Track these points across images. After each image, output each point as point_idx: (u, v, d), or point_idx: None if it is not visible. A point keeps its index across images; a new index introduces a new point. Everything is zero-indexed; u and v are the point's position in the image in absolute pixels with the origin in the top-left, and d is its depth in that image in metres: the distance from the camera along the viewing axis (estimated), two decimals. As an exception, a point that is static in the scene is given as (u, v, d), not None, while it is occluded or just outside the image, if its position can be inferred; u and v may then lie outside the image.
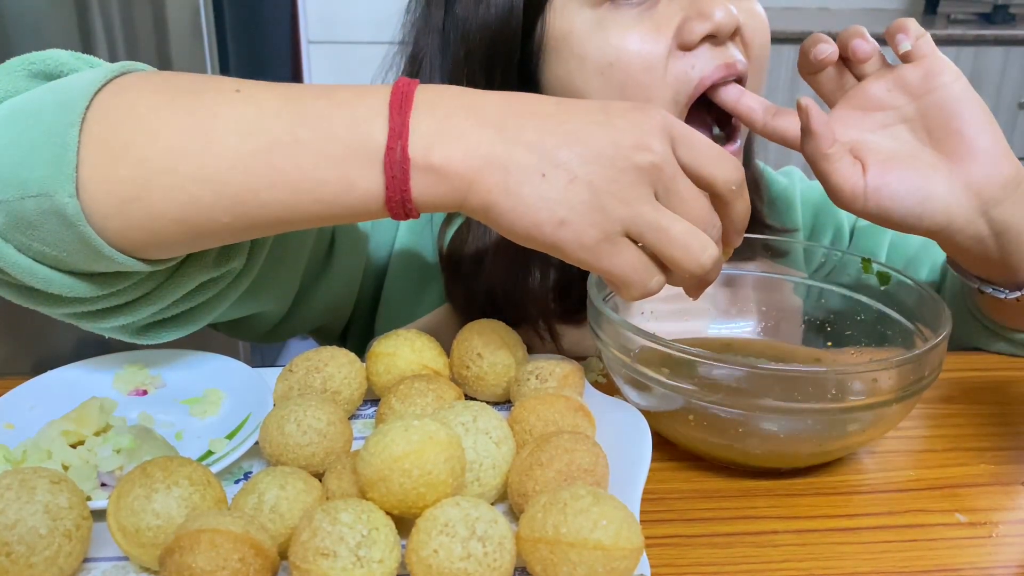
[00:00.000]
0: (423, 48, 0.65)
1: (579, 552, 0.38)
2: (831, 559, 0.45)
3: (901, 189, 0.52)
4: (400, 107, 0.43)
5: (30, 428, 0.52)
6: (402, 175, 0.43)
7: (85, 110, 0.44)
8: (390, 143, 0.43)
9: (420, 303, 0.71)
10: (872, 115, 0.55)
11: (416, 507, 0.41)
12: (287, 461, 0.47)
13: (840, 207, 0.54)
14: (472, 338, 0.56)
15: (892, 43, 0.55)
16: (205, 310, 0.54)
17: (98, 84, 0.45)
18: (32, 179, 0.43)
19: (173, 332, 0.55)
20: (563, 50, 0.60)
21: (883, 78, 0.55)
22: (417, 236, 0.71)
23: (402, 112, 0.43)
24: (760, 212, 0.72)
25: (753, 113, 0.57)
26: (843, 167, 0.52)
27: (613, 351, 0.52)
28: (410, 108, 0.43)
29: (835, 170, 0.52)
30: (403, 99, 0.44)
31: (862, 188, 0.52)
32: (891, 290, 0.59)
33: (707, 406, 0.48)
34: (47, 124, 0.44)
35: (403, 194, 0.44)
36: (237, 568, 0.37)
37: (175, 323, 0.54)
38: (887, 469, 0.53)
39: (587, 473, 0.45)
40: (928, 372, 0.49)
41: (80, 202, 0.43)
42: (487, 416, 0.47)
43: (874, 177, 0.52)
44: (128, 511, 0.41)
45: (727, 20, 0.57)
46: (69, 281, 0.47)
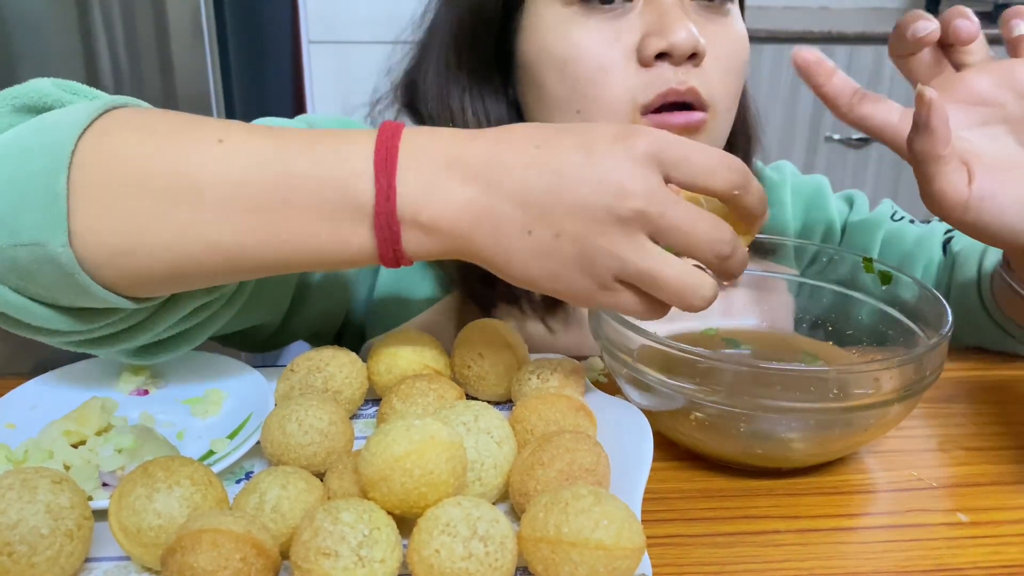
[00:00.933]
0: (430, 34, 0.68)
1: (581, 552, 0.38)
2: (833, 558, 0.45)
3: (1006, 203, 0.48)
4: (385, 166, 0.43)
5: (31, 428, 0.52)
6: (392, 234, 0.44)
7: (71, 155, 0.44)
8: (378, 206, 0.43)
9: (412, 301, 0.71)
10: (972, 111, 0.51)
11: (418, 507, 0.41)
12: (288, 461, 0.47)
13: (934, 213, 0.50)
14: (473, 337, 0.56)
15: (1005, 29, 0.52)
16: (200, 331, 0.55)
17: (82, 126, 0.45)
18: (24, 227, 0.43)
19: (170, 352, 0.55)
20: (533, 38, 0.62)
21: (989, 71, 0.51)
22: None
23: (388, 171, 0.43)
24: None
25: (839, 98, 0.52)
26: (951, 172, 0.48)
27: (614, 351, 0.52)
28: (395, 166, 0.44)
29: (943, 174, 0.48)
30: (387, 155, 0.44)
31: (965, 197, 0.48)
32: (892, 289, 0.59)
33: (708, 405, 0.48)
34: (35, 169, 0.44)
35: (395, 250, 0.45)
36: (239, 568, 0.37)
37: (172, 344, 0.55)
38: (889, 469, 0.53)
39: (588, 473, 0.45)
40: (930, 372, 0.49)
41: (74, 250, 0.44)
42: (488, 416, 0.47)
43: (981, 187, 0.48)
44: (130, 511, 0.41)
45: (683, 42, 0.57)
46: (65, 318, 0.48)
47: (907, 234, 0.75)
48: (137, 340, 0.52)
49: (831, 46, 2.47)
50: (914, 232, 0.75)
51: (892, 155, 2.31)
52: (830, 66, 0.52)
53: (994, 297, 0.66)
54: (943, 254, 0.74)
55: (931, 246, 0.74)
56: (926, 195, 0.49)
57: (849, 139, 2.58)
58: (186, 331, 0.54)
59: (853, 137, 2.58)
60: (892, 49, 0.54)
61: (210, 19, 1.75)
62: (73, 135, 0.44)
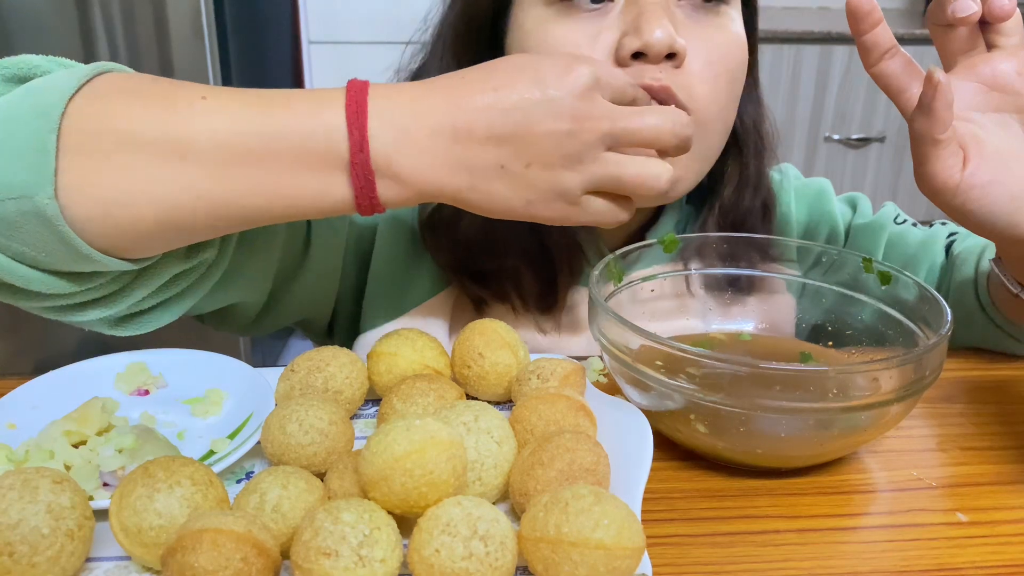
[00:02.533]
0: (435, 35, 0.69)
1: (581, 551, 0.38)
2: (832, 558, 0.45)
3: (997, 192, 0.49)
4: (357, 119, 0.46)
5: (32, 428, 0.52)
6: (368, 184, 0.47)
7: (61, 116, 0.45)
8: (352, 157, 0.46)
9: (406, 295, 0.71)
10: (990, 94, 0.51)
11: (418, 507, 0.41)
12: (289, 461, 0.48)
13: (924, 193, 0.51)
14: (473, 338, 0.56)
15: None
16: (180, 300, 0.56)
17: (72, 89, 0.46)
18: (13, 183, 0.45)
19: (150, 323, 0.56)
20: (518, 37, 0.63)
21: (1017, 58, 0.51)
22: (399, 224, 0.72)
23: (359, 124, 0.46)
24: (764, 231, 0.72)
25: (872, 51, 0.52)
26: (947, 156, 0.48)
27: (614, 350, 0.52)
28: (366, 119, 0.46)
29: (937, 157, 0.48)
30: (358, 109, 0.46)
31: (956, 182, 0.49)
32: (892, 289, 0.59)
33: (708, 405, 0.48)
34: (26, 130, 0.45)
35: (371, 199, 0.48)
36: (239, 568, 0.38)
37: (151, 314, 0.56)
38: (888, 468, 0.53)
39: (588, 472, 0.45)
40: (929, 372, 0.49)
41: (60, 205, 0.45)
42: (489, 416, 0.47)
43: (972, 175, 0.49)
44: (130, 511, 0.41)
45: (657, 41, 0.56)
46: (47, 279, 0.49)
47: (910, 237, 0.75)
48: (118, 306, 0.52)
49: (830, 46, 2.47)
50: (917, 235, 0.75)
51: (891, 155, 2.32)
52: (878, 17, 0.51)
53: (991, 295, 0.66)
54: (945, 257, 0.74)
55: (934, 249, 0.74)
56: (919, 175, 0.50)
57: (848, 139, 2.58)
58: (165, 301, 0.55)
59: (852, 137, 2.58)
60: (931, 17, 0.53)
61: (210, 19, 1.75)
62: (64, 98, 0.46)
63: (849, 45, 2.47)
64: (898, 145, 2.59)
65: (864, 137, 2.58)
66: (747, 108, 0.69)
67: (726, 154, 0.69)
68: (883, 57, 0.52)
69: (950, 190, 0.49)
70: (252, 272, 0.62)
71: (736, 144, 0.70)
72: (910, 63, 0.52)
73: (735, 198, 0.70)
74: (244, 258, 0.60)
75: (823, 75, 2.52)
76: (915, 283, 0.57)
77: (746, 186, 0.70)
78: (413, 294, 0.71)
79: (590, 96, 0.48)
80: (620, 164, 0.49)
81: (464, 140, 0.47)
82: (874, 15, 0.51)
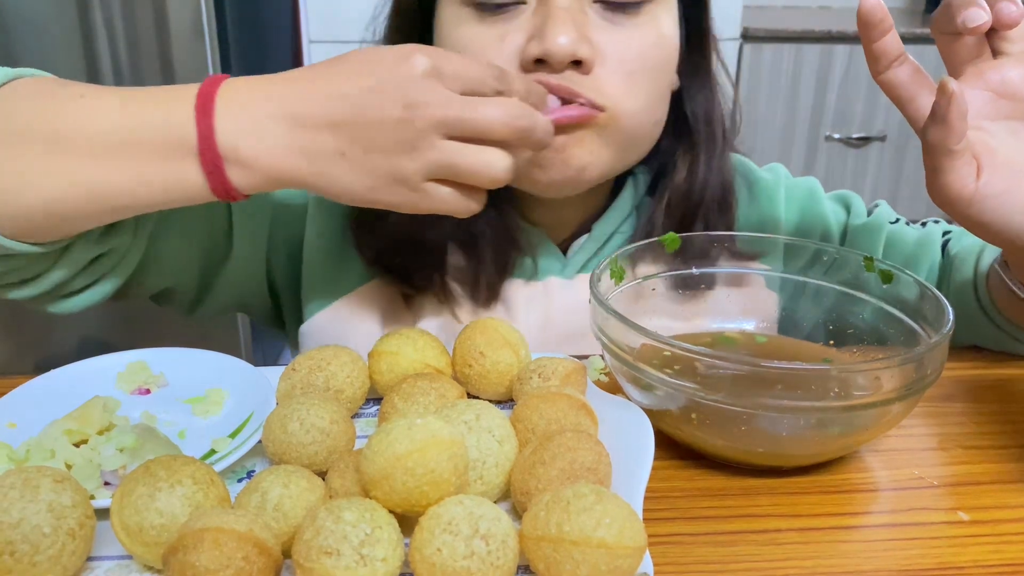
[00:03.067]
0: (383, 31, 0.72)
1: (582, 550, 0.38)
2: (834, 557, 0.45)
3: (1011, 202, 0.49)
4: (204, 111, 0.50)
5: (33, 427, 0.52)
6: (218, 170, 0.50)
7: None
8: (200, 145, 0.50)
9: (340, 282, 0.72)
10: (999, 102, 0.51)
11: (419, 505, 0.41)
12: (290, 460, 0.48)
13: (937, 204, 0.50)
14: (474, 337, 0.56)
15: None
16: (104, 282, 0.61)
17: None
18: None
19: (79, 303, 0.61)
20: (438, 36, 0.64)
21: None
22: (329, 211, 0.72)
23: (206, 116, 0.50)
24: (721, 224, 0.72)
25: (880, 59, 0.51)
26: (961, 166, 0.48)
27: (615, 349, 0.52)
28: (212, 111, 0.50)
29: (952, 168, 0.48)
30: (205, 102, 0.50)
31: (971, 192, 0.48)
32: (893, 288, 0.59)
33: (710, 404, 0.48)
34: None
35: (224, 185, 0.51)
36: (241, 567, 0.38)
37: (82, 294, 0.61)
38: (890, 467, 0.53)
39: (590, 471, 0.45)
40: (931, 371, 0.49)
41: None
42: (490, 414, 0.47)
43: (986, 184, 0.48)
44: (132, 510, 0.41)
45: (559, 49, 0.57)
46: None
47: (907, 237, 0.75)
48: (42, 285, 0.58)
49: (831, 45, 2.47)
50: (913, 235, 0.75)
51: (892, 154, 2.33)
52: (888, 24, 0.51)
53: (991, 297, 0.66)
54: (942, 256, 0.74)
55: (932, 249, 0.74)
56: (932, 185, 0.49)
57: (849, 138, 2.58)
58: (95, 282, 0.61)
59: (853, 136, 2.58)
60: (937, 25, 0.52)
61: (211, 19, 1.75)
62: None
63: (850, 44, 2.47)
64: (899, 144, 2.59)
65: (865, 136, 2.58)
66: (697, 100, 0.69)
67: (676, 146, 0.70)
68: (891, 65, 0.52)
69: (964, 200, 0.49)
70: (173, 259, 0.66)
71: (688, 136, 0.70)
72: (918, 71, 0.52)
73: (685, 188, 0.70)
74: (162, 245, 0.64)
75: (824, 74, 2.52)
76: (916, 282, 0.57)
77: (696, 177, 0.70)
78: (347, 280, 0.72)
79: (425, 84, 0.49)
80: (455, 152, 0.50)
81: (303, 126, 0.50)
82: (885, 22, 0.51)
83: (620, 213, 0.72)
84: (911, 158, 2.61)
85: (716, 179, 0.71)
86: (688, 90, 0.69)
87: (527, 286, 0.71)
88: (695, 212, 0.70)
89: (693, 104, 0.69)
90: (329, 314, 0.72)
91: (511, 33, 0.60)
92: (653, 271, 0.64)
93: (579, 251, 0.72)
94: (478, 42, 0.60)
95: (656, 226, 0.70)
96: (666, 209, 0.70)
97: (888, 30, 0.51)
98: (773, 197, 0.76)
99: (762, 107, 2.55)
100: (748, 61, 2.50)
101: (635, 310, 0.63)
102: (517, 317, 0.70)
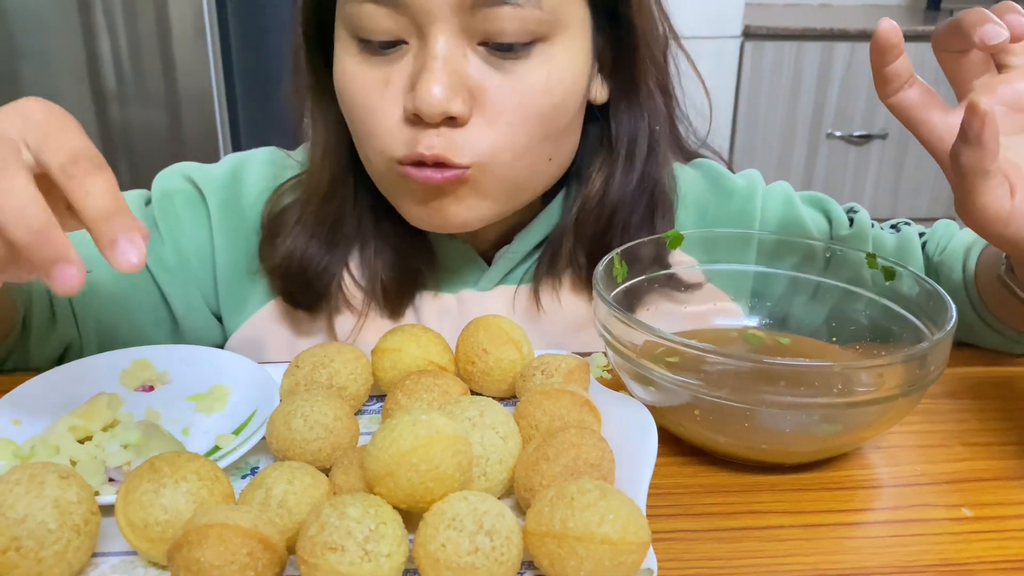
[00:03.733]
0: None
1: (586, 546, 0.38)
2: (837, 553, 0.45)
3: None
4: None
5: (37, 424, 0.52)
6: None
7: None
8: None
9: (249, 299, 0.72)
10: (1013, 116, 0.50)
11: (423, 501, 0.41)
12: (294, 456, 0.48)
13: (970, 225, 0.50)
14: (477, 334, 0.56)
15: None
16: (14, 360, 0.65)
17: None
18: None
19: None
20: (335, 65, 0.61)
21: None
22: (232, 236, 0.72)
23: None
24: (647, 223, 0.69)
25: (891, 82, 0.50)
26: (994, 185, 0.47)
27: (618, 346, 0.52)
28: None
29: (987, 189, 0.47)
30: None
31: (1007, 212, 0.47)
32: (895, 285, 0.59)
33: (712, 401, 0.48)
34: None
35: None
36: (245, 562, 0.38)
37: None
38: (893, 464, 0.53)
39: (593, 468, 0.45)
40: (934, 367, 0.49)
41: None
42: (493, 411, 0.47)
43: (1023, 202, 0.47)
44: (136, 506, 0.41)
45: (428, 109, 0.55)
46: None
47: (888, 243, 0.73)
48: None
49: (832, 43, 2.47)
50: (892, 240, 0.73)
51: (893, 152, 2.33)
52: (901, 49, 0.50)
53: (983, 301, 0.66)
54: None
55: (915, 253, 0.72)
56: (965, 208, 0.48)
57: (850, 136, 2.58)
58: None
59: (854, 134, 2.58)
60: (941, 44, 0.51)
61: (212, 17, 1.75)
62: None
63: (851, 42, 2.47)
64: (900, 142, 2.59)
65: (866, 134, 2.58)
66: (621, 118, 0.66)
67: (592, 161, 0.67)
68: (901, 87, 0.51)
69: (1002, 220, 0.48)
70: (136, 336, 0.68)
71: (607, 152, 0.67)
72: (928, 91, 0.51)
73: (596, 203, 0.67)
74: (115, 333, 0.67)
75: (825, 72, 2.52)
76: (918, 278, 0.57)
77: (610, 192, 0.67)
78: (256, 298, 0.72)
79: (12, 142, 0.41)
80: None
81: None
82: (899, 47, 0.50)
83: (546, 224, 0.70)
84: (912, 156, 2.61)
85: (637, 194, 0.67)
86: (615, 104, 0.66)
87: (437, 299, 0.70)
88: (607, 227, 0.67)
89: (617, 122, 0.66)
90: (245, 331, 0.72)
91: (394, 77, 0.57)
92: (656, 268, 0.64)
93: (500, 262, 0.70)
94: (365, 80, 0.58)
95: (562, 241, 0.68)
96: (575, 224, 0.68)
97: (900, 54, 0.50)
98: (748, 205, 0.73)
99: (763, 105, 2.55)
100: (749, 59, 2.50)
101: (637, 307, 0.63)
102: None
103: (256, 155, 0.75)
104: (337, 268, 0.69)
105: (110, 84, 1.80)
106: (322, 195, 0.67)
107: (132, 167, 1.88)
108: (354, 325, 0.70)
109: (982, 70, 0.51)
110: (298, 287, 0.69)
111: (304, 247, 0.67)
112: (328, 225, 0.67)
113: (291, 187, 0.71)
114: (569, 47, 0.59)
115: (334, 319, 0.70)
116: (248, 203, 0.72)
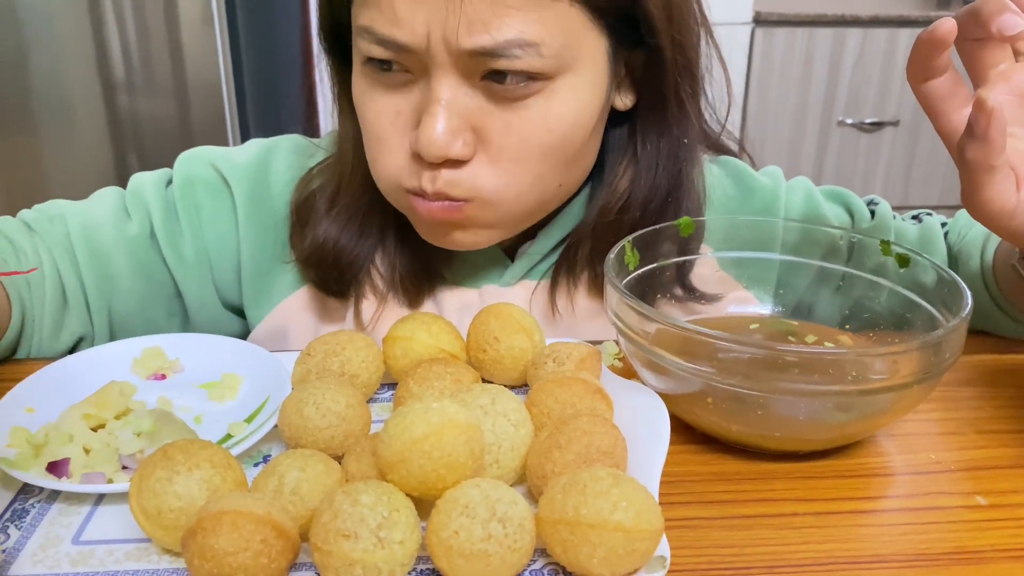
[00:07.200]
0: None
1: (599, 533, 0.38)
2: (850, 541, 0.45)
3: None
4: None
5: (51, 412, 0.52)
6: None
7: None
8: None
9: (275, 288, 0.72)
10: None
11: (436, 489, 0.41)
12: (306, 444, 0.48)
13: (977, 218, 0.50)
14: (489, 321, 0.56)
15: None
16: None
17: None
18: None
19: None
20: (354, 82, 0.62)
21: None
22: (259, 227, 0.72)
23: None
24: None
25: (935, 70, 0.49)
26: (1000, 179, 0.47)
27: (630, 334, 0.52)
28: None
29: (992, 183, 0.47)
30: None
31: (1013, 205, 0.48)
32: (910, 272, 0.58)
33: (726, 388, 0.48)
34: None
35: None
36: (259, 549, 0.38)
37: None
38: (907, 451, 0.53)
39: (606, 455, 0.45)
40: (948, 354, 0.49)
41: None
42: (505, 398, 0.47)
43: None
44: (150, 493, 0.41)
45: (428, 153, 0.56)
46: None
47: (911, 234, 0.73)
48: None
49: (844, 29, 2.45)
50: (915, 231, 0.73)
51: (905, 139, 2.32)
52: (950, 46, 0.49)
53: (1000, 290, 0.65)
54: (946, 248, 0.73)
55: (938, 243, 0.72)
56: (972, 201, 0.49)
57: (862, 123, 2.57)
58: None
59: (866, 121, 2.56)
60: (965, 32, 0.50)
61: (220, 6, 1.75)
62: None
63: (863, 28, 2.45)
64: (912, 129, 2.57)
65: (878, 121, 2.57)
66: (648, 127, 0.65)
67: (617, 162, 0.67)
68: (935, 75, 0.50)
69: (1007, 214, 0.48)
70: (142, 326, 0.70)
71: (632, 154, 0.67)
72: (956, 82, 0.50)
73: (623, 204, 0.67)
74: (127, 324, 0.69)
75: (836, 59, 2.50)
76: (933, 266, 0.56)
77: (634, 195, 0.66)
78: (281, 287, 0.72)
79: None
80: None
81: None
82: (951, 46, 0.49)
83: (570, 221, 0.69)
84: (924, 143, 2.59)
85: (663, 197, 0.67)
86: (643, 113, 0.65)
87: (459, 292, 0.71)
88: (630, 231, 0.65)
89: (643, 127, 0.66)
90: (270, 321, 0.72)
91: (404, 108, 0.58)
92: (668, 256, 0.63)
93: (523, 258, 0.70)
94: (375, 108, 0.59)
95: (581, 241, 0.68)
96: (595, 227, 0.67)
97: (943, 51, 0.49)
98: (772, 203, 0.74)
99: (774, 92, 2.53)
100: (760, 45, 2.48)
101: (649, 294, 0.63)
102: None
103: (283, 143, 0.75)
104: (367, 257, 0.69)
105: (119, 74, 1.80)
106: (356, 187, 0.67)
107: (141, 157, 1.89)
108: (374, 314, 0.70)
109: (1000, 58, 0.50)
110: (332, 275, 0.69)
111: (337, 236, 0.68)
112: (361, 215, 0.68)
113: (318, 173, 0.71)
114: (575, 83, 0.58)
115: (361, 306, 0.70)
116: (276, 192, 0.72)
